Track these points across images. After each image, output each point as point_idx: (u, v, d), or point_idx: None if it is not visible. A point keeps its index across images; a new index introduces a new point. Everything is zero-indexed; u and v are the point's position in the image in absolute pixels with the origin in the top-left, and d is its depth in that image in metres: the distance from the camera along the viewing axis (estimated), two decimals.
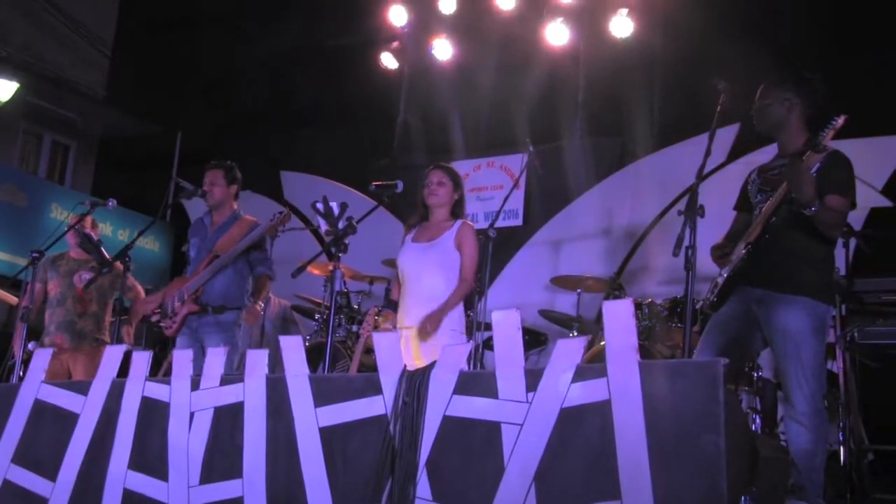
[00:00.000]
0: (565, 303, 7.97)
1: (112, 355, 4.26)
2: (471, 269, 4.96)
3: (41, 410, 4.33)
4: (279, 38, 11.31)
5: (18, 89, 11.32)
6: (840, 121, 3.73)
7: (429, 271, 4.95)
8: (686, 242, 3.65)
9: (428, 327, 4.72)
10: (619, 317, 3.17)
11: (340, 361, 6.86)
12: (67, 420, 4.21)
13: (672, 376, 3.02)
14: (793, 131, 4.14)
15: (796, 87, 4.14)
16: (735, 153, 7.79)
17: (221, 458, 3.79)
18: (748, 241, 4.03)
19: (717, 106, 4.03)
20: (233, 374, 4.08)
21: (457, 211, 5.13)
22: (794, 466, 3.84)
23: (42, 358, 4.50)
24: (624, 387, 3.05)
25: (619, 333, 3.14)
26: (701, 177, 3.86)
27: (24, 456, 4.28)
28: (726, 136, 7.72)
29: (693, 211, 3.68)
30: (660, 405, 2.98)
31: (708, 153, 3.94)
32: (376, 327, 5.23)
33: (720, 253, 4.19)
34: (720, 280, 4.13)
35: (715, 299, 4.15)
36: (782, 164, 4.11)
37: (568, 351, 3.23)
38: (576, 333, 6.87)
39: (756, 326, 4.08)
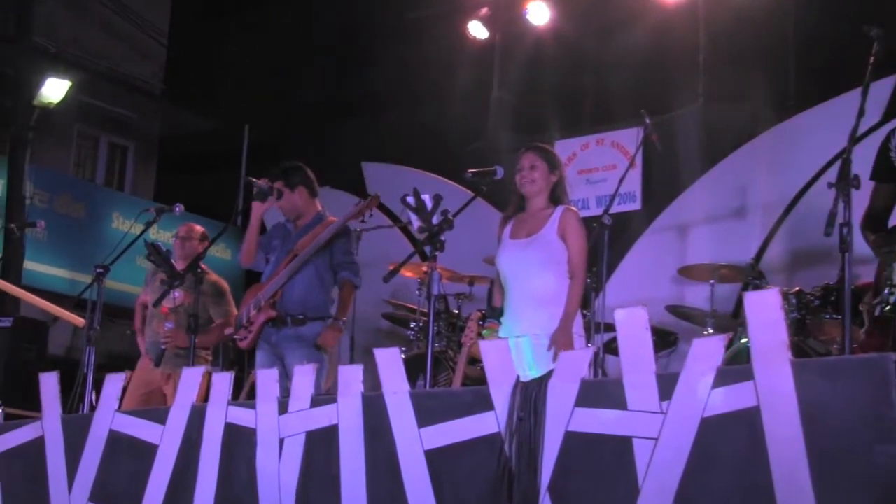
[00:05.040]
0: (696, 296, 7.85)
1: (190, 378, 4.37)
2: (581, 263, 4.90)
3: (117, 442, 4.48)
4: (352, 13, 11.42)
5: (70, 88, 11.69)
6: None
7: (534, 270, 4.91)
8: (840, 219, 3.55)
9: (560, 345, 4.66)
10: (764, 309, 3.13)
11: (442, 374, 6.90)
12: (146, 452, 4.35)
13: (832, 376, 2.97)
14: None
15: None
16: (893, 111, 7.56)
17: (317, 489, 3.86)
18: None
19: (869, 57, 3.91)
20: (323, 394, 4.14)
21: (557, 195, 5.07)
22: None
23: (114, 385, 4.64)
24: (775, 390, 3.01)
25: (765, 329, 3.10)
26: (854, 140, 3.76)
27: (102, 492, 4.44)
28: (882, 91, 7.49)
29: (846, 181, 3.58)
30: (819, 411, 2.93)
31: (861, 113, 3.83)
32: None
33: (886, 248, 4.01)
34: None
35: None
36: None
37: (706, 351, 3.21)
38: (711, 331, 6.77)
39: None
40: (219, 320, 6.47)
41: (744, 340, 5.87)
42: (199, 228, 6.81)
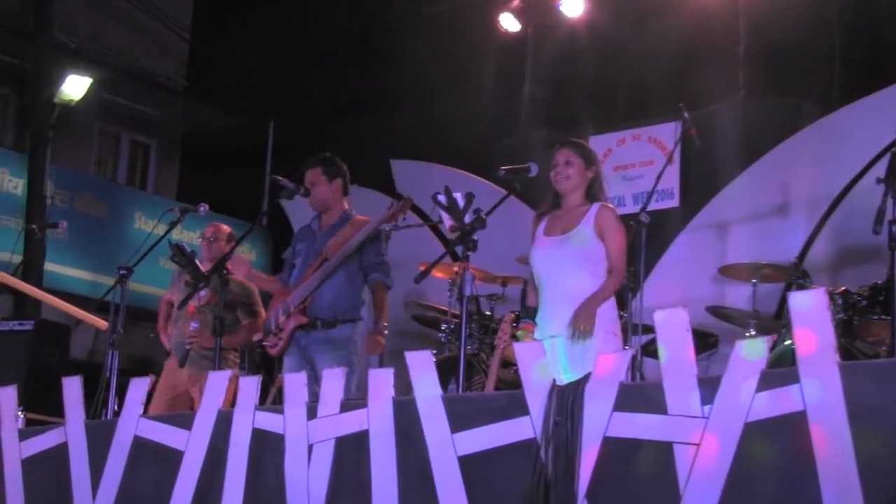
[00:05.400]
0: (737, 296, 7.82)
1: (216, 383, 4.39)
2: (620, 258, 4.89)
3: (141, 448, 4.52)
4: (379, 6, 11.42)
5: (91, 85, 11.78)
6: None
7: (569, 268, 4.91)
8: (889, 216, 3.54)
9: (582, 324, 4.65)
10: (810, 310, 3.12)
11: (475, 377, 6.90)
12: (171, 458, 4.38)
13: (881, 379, 2.96)
14: None
15: None
16: None
17: (347, 496, 3.88)
18: None
19: None
20: (354, 398, 4.15)
21: (593, 192, 5.06)
22: None
23: (138, 389, 4.68)
24: (822, 394, 3.00)
25: (810, 330, 3.09)
26: None
27: (126, 499, 4.47)
28: None
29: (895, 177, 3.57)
30: (869, 415, 2.92)
31: None
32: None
33: None
34: None
35: None
36: None
37: (749, 354, 3.19)
38: (753, 332, 6.75)
39: None
40: (246, 321, 6.50)
41: (788, 342, 5.84)
42: (225, 229, 6.84)
